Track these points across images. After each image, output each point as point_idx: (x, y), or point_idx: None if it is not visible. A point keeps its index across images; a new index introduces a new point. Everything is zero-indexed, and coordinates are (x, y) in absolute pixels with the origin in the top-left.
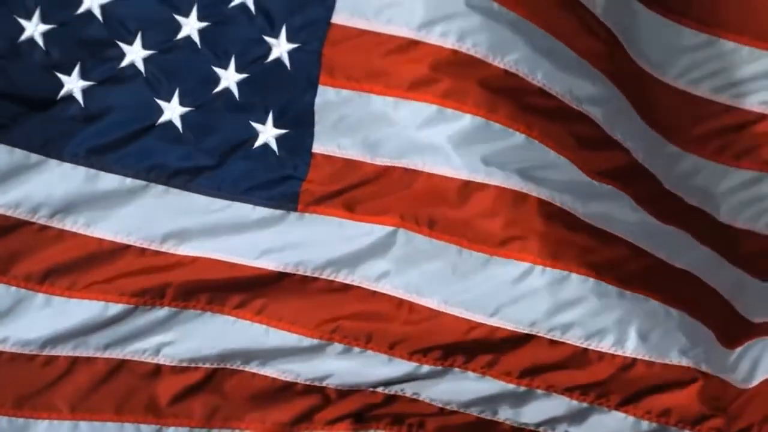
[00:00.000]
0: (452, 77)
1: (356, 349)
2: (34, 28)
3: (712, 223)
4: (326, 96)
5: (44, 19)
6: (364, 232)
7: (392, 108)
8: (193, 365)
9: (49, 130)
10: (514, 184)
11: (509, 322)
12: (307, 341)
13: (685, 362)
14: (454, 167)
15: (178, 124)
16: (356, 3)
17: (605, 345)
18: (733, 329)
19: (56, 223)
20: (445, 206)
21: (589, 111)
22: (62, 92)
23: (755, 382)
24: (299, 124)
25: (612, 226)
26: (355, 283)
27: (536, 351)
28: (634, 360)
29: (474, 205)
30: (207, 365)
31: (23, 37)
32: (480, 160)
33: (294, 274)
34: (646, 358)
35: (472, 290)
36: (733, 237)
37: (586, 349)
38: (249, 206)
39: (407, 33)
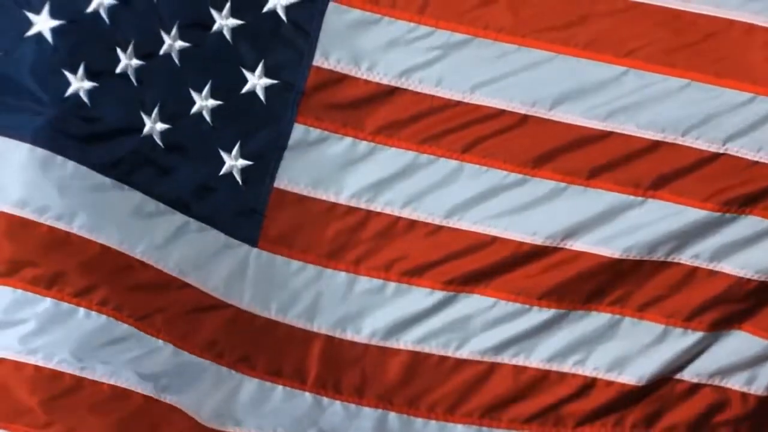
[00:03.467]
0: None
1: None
2: (43, 23)
3: None
4: (300, 134)
5: (53, 15)
6: (321, 276)
7: (369, 152)
8: None
9: (58, 128)
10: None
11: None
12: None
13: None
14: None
15: (158, 140)
16: (338, 48)
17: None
18: None
19: (63, 225)
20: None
21: None
22: (69, 91)
23: None
24: (265, 158)
25: None
26: (321, 331)
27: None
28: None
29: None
30: None
31: (31, 31)
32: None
33: (258, 316)
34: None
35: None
36: None
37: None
38: (219, 233)
39: (385, 80)
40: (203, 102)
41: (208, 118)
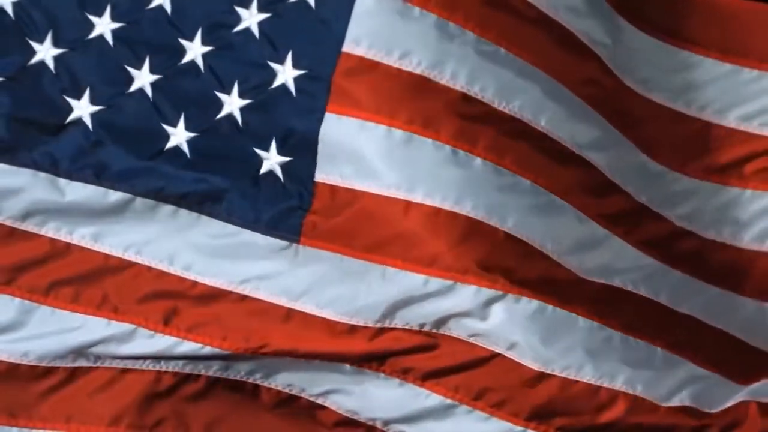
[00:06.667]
0: (461, 119)
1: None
2: (45, 52)
3: (728, 255)
4: (333, 124)
5: (56, 43)
6: (363, 269)
7: (404, 142)
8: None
9: (57, 153)
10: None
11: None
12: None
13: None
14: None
15: (186, 149)
16: (368, 34)
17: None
18: (746, 365)
19: (64, 236)
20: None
21: (591, 157)
22: (71, 117)
23: None
24: (303, 151)
25: (612, 277)
26: (361, 324)
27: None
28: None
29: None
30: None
31: (34, 59)
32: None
33: (303, 313)
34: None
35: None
36: (753, 264)
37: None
38: (258, 235)
39: (417, 70)
40: (232, 103)
41: (238, 119)
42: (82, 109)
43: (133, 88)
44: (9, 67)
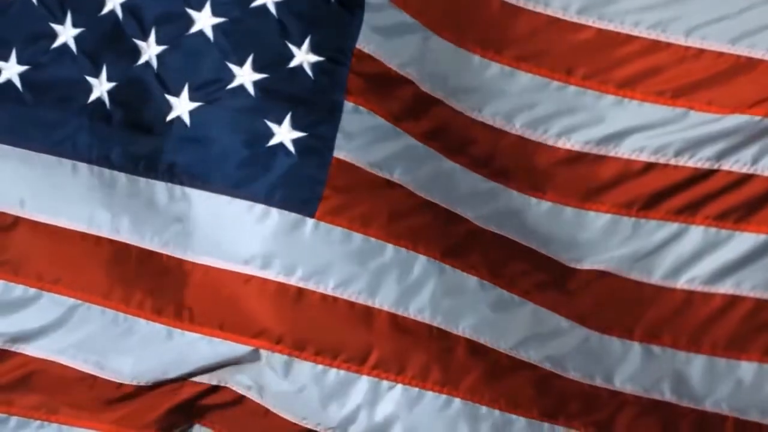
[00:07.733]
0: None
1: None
2: (66, 34)
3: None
4: (351, 112)
5: (75, 23)
6: (380, 250)
7: (422, 148)
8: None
9: (80, 138)
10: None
11: None
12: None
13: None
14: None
15: (187, 120)
16: (376, 35)
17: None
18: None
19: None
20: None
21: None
22: (92, 96)
23: None
24: (320, 129)
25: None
26: (384, 308)
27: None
28: None
29: None
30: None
31: (57, 43)
32: None
33: (314, 291)
34: None
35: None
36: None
37: None
38: (266, 207)
39: (411, 78)
40: (245, 76)
41: (251, 92)
42: (102, 86)
43: (141, 60)
44: (37, 55)
